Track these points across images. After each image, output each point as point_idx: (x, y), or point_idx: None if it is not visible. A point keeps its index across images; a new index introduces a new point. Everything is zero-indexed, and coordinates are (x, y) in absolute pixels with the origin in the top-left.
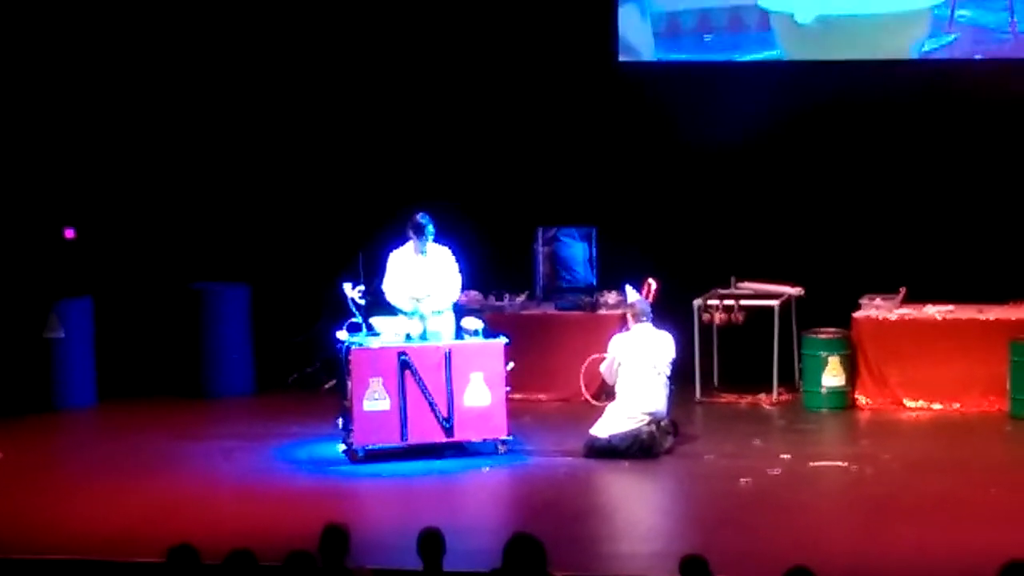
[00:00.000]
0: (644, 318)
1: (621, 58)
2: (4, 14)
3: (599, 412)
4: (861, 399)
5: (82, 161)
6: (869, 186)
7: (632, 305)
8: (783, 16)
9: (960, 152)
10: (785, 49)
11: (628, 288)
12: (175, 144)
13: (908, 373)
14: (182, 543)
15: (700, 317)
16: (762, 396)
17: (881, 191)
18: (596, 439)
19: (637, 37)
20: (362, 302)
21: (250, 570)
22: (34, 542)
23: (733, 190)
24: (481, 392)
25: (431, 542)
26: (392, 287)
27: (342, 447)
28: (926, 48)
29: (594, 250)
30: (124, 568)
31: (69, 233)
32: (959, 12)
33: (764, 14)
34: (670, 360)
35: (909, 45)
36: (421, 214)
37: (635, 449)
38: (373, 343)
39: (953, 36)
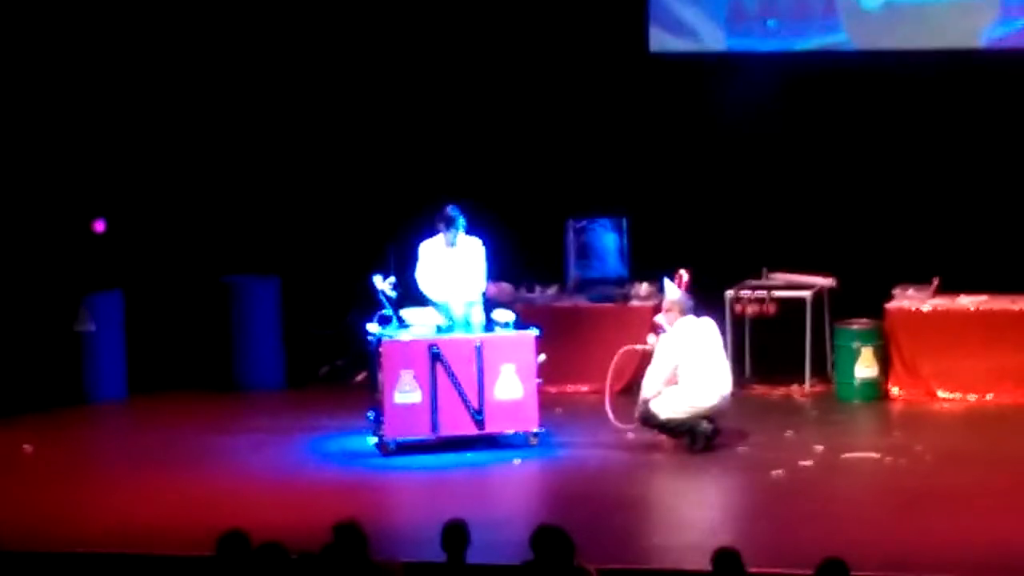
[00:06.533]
0: (688, 312)
1: (682, 46)
2: (31, 8)
3: (632, 406)
4: (894, 390)
5: (111, 154)
6: (901, 176)
7: (677, 302)
8: (849, 0)
9: (1001, 143)
10: (850, 35)
11: (667, 283)
12: (205, 137)
13: (941, 364)
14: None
15: (732, 308)
16: (795, 387)
17: (913, 181)
18: (655, 416)
19: (703, 23)
20: (393, 294)
21: (280, 563)
22: (66, 536)
23: (764, 180)
24: (512, 384)
25: (454, 534)
26: (423, 277)
27: (373, 440)
28: (996, 34)
29: (625, 241)
30: (156, 561)
31: (99, 226)
32: None
33: None
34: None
35: (979, 29)
36: (451, 207)
37: (684, 431)
38: (404, 335)
39: None
